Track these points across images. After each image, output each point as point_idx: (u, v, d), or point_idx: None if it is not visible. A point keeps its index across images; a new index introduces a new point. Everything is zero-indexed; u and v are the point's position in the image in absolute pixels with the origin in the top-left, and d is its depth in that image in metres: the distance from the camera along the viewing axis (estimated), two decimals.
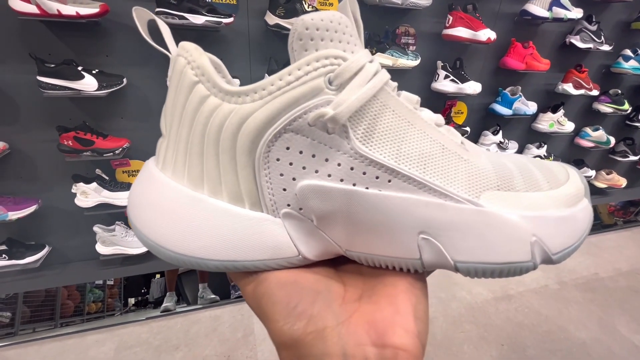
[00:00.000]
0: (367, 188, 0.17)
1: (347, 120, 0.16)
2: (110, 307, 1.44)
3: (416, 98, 0.19)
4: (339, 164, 0.17)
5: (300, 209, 0.18)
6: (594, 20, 1.38)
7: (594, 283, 1.65)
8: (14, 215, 1.01)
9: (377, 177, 0.17)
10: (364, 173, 0.17)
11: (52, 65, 0.90)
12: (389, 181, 0.17)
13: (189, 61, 0.18)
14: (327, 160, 0.17)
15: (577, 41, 1.40)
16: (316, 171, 0.17)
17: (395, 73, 1.27)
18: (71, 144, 0.98)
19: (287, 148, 0.17)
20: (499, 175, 0.18)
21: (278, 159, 0.17)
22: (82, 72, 0.92)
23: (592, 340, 1.32)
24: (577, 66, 1.46)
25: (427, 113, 0.19)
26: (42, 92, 0.91)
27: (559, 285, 1.62)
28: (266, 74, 1.08)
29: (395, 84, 0.19)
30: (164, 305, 1.53)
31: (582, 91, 1.48)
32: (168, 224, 0.18)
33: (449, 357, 1.23)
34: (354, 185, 0.17)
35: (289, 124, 0.16)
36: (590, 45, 1.40)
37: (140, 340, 1.24)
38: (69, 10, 0.84)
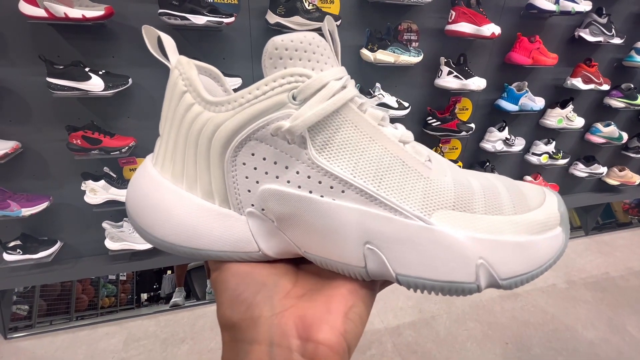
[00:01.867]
0: (322, 196, 0.18)
1: (305, 132, 0.18)
2: (123, 302, 1.48)
3: (382, 115, 0.20)
4: (297, 172, 0.18)
5: (263, 209, 0.19)
6: (604, 12, 1.34)
7: (605, 282, 1.61)
8: (27, 211, 1.05)
9: (331, 187, 0.18)
10: (320, 182, 0.18)
11: (61, 67, 0.93)
12: (343, 192, 0.18)
13: (181, 73, 0.20)
14: (287, 167, 0.18)
15: (586, 35, 1.36)
16: (277, 177, 0.19)
17: (398, 70, 1.27)
18: (80, 142, 1.02)
19: (252, 154, 0.19)
20: (458, 195, 0.19)
21: (244, 163, 0.19)
22: (89, 73, 0.95)
23: (601, 340, 1.30)
24: (587, 60, 1.42)
25: (391, 130, 0.20)
26: (52, 93, 0.94)
27: (568, 284, 1.59)
28: None
29: (364, 101, 0.20)
30: (173, 300, 1.57)
31: (591, 86, 1.44)
32: (150, 210, 0.21)
33: (452, 355, 1.22)
34: (310, 192, 0.18)
35: (254, 132, 0.18)
36: (600, 39, 1.36)
37: (148, 333, 1.28)
38: (75, 13, 0.87)
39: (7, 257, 1.11)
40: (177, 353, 1.20)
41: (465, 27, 1.18)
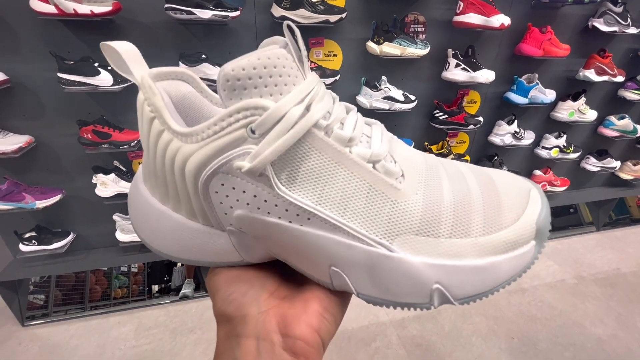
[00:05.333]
0: (290, 222, 0.19)
1: (266, 169, 0.18)
2: (135, 293, 1.52)
3: (349, 136, 0.19)
4: (265, 200, 0.19)
5: (240, 228, 0.20)
6: (619, 1, 1.29)
7: (615, 278, 1.59)
8: (41, 204, 1.09)
9: (297, 215, 0.19)
10: (286, 210, 0.19)
11: (71, 62, 0.95)
12: (309, 219, 0.19)
13: (146, 98, 0.19)
14: (255, 196, 0.19)
15: (600, 24, 1.32)
16: (247, 204, 0.19)
17: (404, 63, 1.26)
18: (90, 137, 1.04)
19: (222, 184, 0.19)
20: (425, 218, 0.19)
21: (216, 192, 0.19)
22: (98, 68, 0.97)
23: (609, 336, 1.28)
24: (600, 51, 1.38)
25: (361, 149, 0.19)
26: (63, 88, 0.96)
27: (577, 279, 1.57)
28: None
29: (329, 121, 0.19)
30: (182, 291, 1.60)
31: (605, 77, 1.40)
32: (144, 226, 0.23)
33: (457, 349, 1.22)
34: (279, 218, 0.19)
35: (220, 167, 0.18)
36: (615, 29, 1.32)
37: (158, 323, 1.32)
38: (84, 9, 0.88)
39: (22, 247, 1.15)
40: (186, 342, 1.23)
41: (473, 18, 1.15)
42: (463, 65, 1.24)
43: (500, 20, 1.16)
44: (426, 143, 1.45)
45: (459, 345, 1.24)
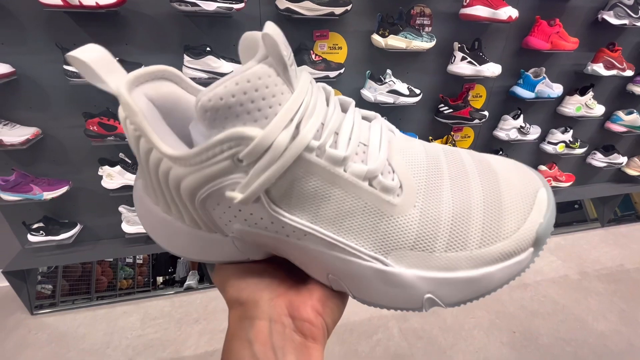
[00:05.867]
0: (287, 236, 0.20)
1: (260, 196, 0.18)
2: (140, 284, 1.55)
3: (343, 156, 0.18)
4: (261, 218, 0.19)
5: (242, 237, 0.21)
6: None
7: (619, 274, 1.58)
8: (48, 195, 1.10)
9: (293, 231, 0.19)
10: (283, 227, 0.19)
11: None
12: (305, 235, 0.19)
13: (127, 116, 0.18)
14: (251, 214, 0.19)
15: (610, 17, 1.30)
16: (245, 220, 0.19)
17: (409, 56, 1.25)
18: (96, 129, 1.05)
19: (218, 204, 0.19)
20: (421, 235, 0.19)
21: (214, 209, 0.19)
22: None
23: (611, 332, 1.29)
24: (610, 45, 1.36)
25: (358, 167, 0.18)
26: (68, 80, 0.97)
27: (580, 275, 1.57)
28: None
29: (321, 141, 0.17)
30: (187, 283, 1.62)
31: (614, 72, 1.38)
32: (157, 233, 0.23)
33: (458, 342, 1.23)
34: (276, 233, 0.19)
35: (213, 192, 0.18)
36: (626, 22, 1.30)
37: (164, 313, 1.34)
38: (89, 1, 0.88)
39: (31, 238, 1.17)
40: (191, 332, 1.25)
41: (480, 11, 1.14)
42: (469, 59, 1.22)
43: (508, 12, 1.15)
44: (430, 137, 1.44)
45: (460, 338, 1.25)
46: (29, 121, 1.06)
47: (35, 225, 1.17)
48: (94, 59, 0.17)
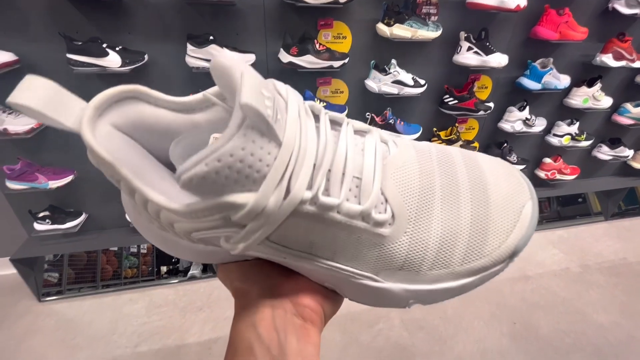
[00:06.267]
0: (284, 258, 0.21)
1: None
2: (145, 274, 1.57)
3: (336, 204, 0.18)
4: (258, 244, 0.19)
5: (242, 255, 0.22)
6: None
7: (621, 267, 1.58)
8: (53, 184, 1.11)
9: (291, 255, 0.20)
10: (280, 253, 0.20)
11: (79, 43, 0.95)
12: (301, 257, 0.20)
13: (96, 163, 0.17)
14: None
15: (621, 6, 1.27)
16: (242, 244, 0.20)
17: (415, 46, 1.23)
18: None
19: (215, 242, 0.20)
20: (408, 258, 0.20)
21: (211, 243, 0.20)
22: (107, 49, 0.97)
23: (612, 324, 1.29)
24: (620, 35, 1.33)
25: (351, 207, 0.18)
26: (72, 69, 0.97)
27: (582, 268, 1.57)
28: (281, 49, 1.08)
29: (313, 192, 0.17)
30: (190, 272, 1.64)
31: (623, 63, 1.35)
32: (156, 243, 0.23)
33: (458, 332, 1.25)
34: (274, 256, 0.20)
35: (209, 237, 0.19)
36: (637, 11, 1.27)
37: (168, 301, 1.36)
38: None
39: (37, 226, 1.19)
40: (195, 320, 1.28)
41: None
42: (475, 49, 1.20)
43: (516, 1, 1.12)
44: (435, 129, 1.43)
45: (460, 329, 1.26)
46: None
47: (41, 214, 1.19)
48: (38, 100, 0.15)
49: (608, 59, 1.34)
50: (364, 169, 0.19)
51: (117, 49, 0.98)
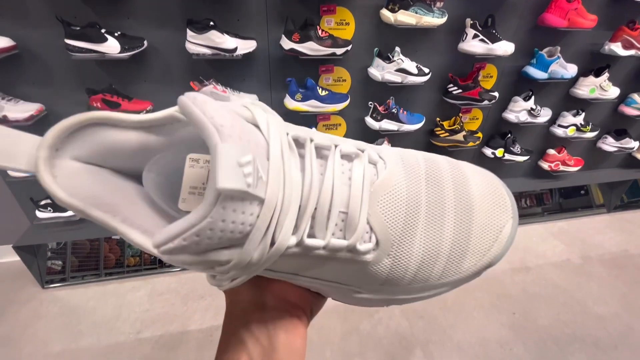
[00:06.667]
0: (272, 272, 0.22)
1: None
2: (147, 262, 1.58)
3: (322, 245, 0.18)
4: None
5: None
6: None
7: (622, 260, 1.58)
8: None
9: (277, 276, 0.21)
10: (267, 274, 0.21)
11: (77, 28, 0.93)
12: (287, 277, 0.21)
13: (67, 205, 0.16)
14: None
15: None
16: None
17: (419, 33, 1.20)
18: (100, 106, 1.04)
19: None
20: (390, 277, 0.21)
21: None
22: (105, 35, 0.95)
23: (611, 315, 1.30)
24: (630, 22, 1.30)
25: (337, 242, 0.18)
26: (70, 54, 0.95)
27: (583, 260, 1.57)
28: (283, 35, 1.06)
29: (298, 238, 0.17)
30: None
31: (632, 52, 1.32)
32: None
33: (458, 321, 1.26)
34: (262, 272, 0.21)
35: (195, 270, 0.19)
36: None
37: (170, 289, 1.37)
38: None
39: (39, 214, 1.19)
40: (197, 307, 1.29)
41: None
42: (481, 37, 1.18)
43: None
44: (438, 119, 1.41)
45: (460, 318, 1.27)
46: (32, 97, 1.06)
47: (43, 202, 1.19)
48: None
49: (617, 48, 1.31)
50: (351, 201, 0.18)
51: (115, 34, 0.97)
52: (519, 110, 1.41)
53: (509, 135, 1.50)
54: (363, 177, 0.19)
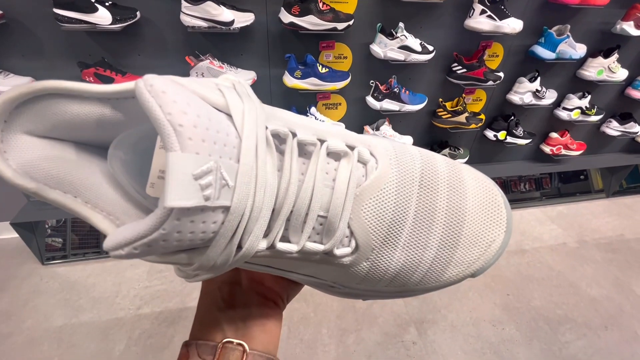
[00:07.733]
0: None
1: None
2: None
3: (295, 250, 0.17)
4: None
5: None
6: None
7: (618, 244, 1.59)
8: None
9: (249, 267, 0.20)
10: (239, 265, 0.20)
11: None
12: (260, 270, 0.21)
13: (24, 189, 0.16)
14: None
15: None
16: None
17: (424, 8, 1.15)
18: (92, 80, 1.01)
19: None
20: (367, 278, 0.21)
21: None
22: (96, 4, 0.91)
23: (603, 298, 1.32)
24: None
25: (314, 247, 0.18)
26: (60, 25, 0.91)
27: (578, 243, 1.59)
28: (282, 7, 1.01)
29: (270, 242, 0.16)
30: None
31: None
32: None
33: (453, 302, 1.28)
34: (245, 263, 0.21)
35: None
36: None
37: (169, 267, 1.38)
38: None
39: None
40: (196, 285, 1.30)
41: None
42: (489, 12, 1.13)
43: None
44: (441, 99, 1.38)
45: (455, 298, 1.29)
46: (22, 70, 1.02)
47: None
48: None
49: (629, 27, 1.27)
50: (332, 205, 0.17)
51: (106, 4, 0.92)
52: (524, 92, 1.38)
53: (512, 117, 1.47)
54: (348, 180, 0.18)
